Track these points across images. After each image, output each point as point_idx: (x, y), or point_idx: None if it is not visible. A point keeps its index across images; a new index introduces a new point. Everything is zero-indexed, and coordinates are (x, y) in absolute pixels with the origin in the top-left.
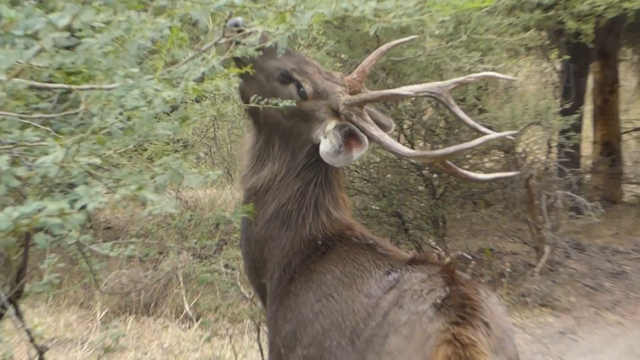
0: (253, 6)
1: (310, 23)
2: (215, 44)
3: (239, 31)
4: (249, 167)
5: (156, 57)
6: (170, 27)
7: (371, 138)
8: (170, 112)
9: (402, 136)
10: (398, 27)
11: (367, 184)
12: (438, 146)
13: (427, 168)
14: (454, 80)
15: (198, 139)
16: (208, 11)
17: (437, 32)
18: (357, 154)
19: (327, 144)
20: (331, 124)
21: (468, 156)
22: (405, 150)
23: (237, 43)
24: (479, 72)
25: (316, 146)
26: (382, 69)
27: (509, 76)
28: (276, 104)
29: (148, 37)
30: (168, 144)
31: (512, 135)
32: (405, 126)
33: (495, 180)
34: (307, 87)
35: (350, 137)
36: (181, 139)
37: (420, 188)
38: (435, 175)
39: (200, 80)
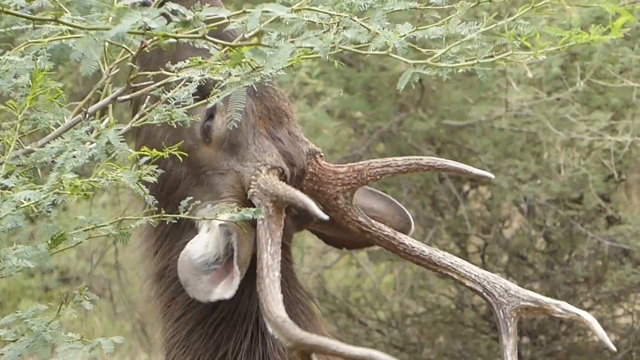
0: (184, 35)
1: (292, 64)
2: (114, 100)
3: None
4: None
5: (6, 126)
6: (31, 71)
7: (258, 284)
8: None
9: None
10: (454, 73)
11: (398, 354)
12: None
13: None
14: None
15: (86, 266)
16: (99, 43)
17: (530, 74)
18: (219, 291)
19: (200, 242)
20: (225, 212)
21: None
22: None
23: (155, 99)
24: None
25: None
26: (430, 141)
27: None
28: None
29: None
30: (32, 275)
31: None
32: (472, 247)
33: None
34: (218, 124)
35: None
36: (56, 268)
37: None
38: (526, 340)
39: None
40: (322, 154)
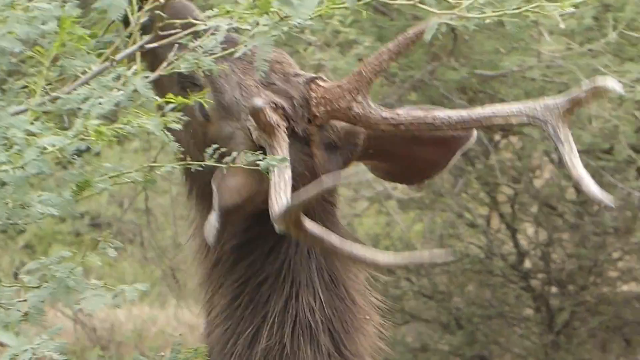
0: None
1: (320, 13)
2: (141, 49)
3: (185, 27)
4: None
5: (32, 73)
6: (58, 17)
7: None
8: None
9: (494, 214)
10: (485, 23)
11: (427, 302)
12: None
13: (539, 276)
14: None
15: (117, 212)
16: None
17: (562, 25)
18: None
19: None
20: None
21: None
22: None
23: (182, 47)
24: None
25: None
26: (461, 91)
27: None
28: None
29: (17, 35)
30: (64, 221)
31: None
32: (502, 197)
33: None
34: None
35: None
36: (87, 214)
37: (528, 312)
38: (554, 290)
39: (112, 115)
40: (324, 78)
